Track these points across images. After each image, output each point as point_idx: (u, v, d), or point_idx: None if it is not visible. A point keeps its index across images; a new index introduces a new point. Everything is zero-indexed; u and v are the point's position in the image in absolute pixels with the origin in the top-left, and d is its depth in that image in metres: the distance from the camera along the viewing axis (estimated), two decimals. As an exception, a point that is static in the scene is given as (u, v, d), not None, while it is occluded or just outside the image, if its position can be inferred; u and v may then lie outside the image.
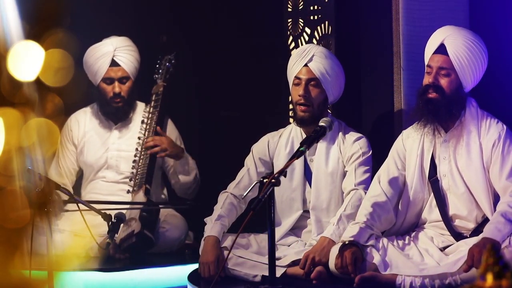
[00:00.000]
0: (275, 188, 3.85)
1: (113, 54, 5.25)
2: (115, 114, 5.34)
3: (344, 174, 4.55)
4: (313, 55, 4.53)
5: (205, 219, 4.52)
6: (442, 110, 4.22)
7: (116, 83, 5.26)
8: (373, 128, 5.08)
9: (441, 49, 4.23)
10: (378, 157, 4.55)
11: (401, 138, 4.43)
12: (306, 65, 4.52)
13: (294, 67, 4.55)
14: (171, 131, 5.40)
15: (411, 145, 4.36)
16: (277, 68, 5.23)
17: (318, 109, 4.52)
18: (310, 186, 4.56)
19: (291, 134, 4.65)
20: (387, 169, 4.39)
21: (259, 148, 4.70)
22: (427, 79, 4.26)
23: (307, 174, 4.59)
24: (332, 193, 4.53)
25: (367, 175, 4.50)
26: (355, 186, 4.46)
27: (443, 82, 4.22)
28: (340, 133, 4.59)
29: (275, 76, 5.29)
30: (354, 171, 4.50)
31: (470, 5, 4.79)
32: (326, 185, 4.54)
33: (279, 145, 4.65)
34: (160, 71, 5.41)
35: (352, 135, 4.58)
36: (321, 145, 4.55)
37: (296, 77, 4.54)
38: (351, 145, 4.54)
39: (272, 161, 4.67)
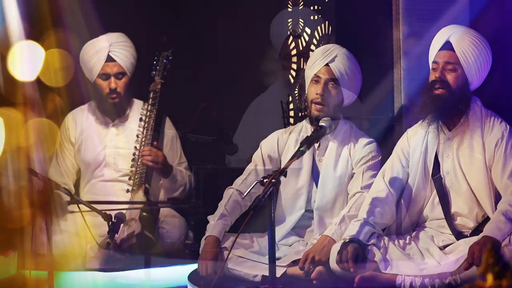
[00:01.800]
0: (281, 185, 3.83)
1: (108, 50, 5.21)
2: (111, 111, 5.31)
3: (351, 177, 4.54)
4: (335, 56, 4.51)
5: (208, 217, 4.51)
6: (448, 106, 4.23)
7: (112, 79, 5.22)
8: (373, 128, 5.07)
9: (447, 46, 4.25)
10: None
11: (406, 136, 4.44)
12: (327, 64, 4.51)
13: (315, 65, 4.52)
14: (169, 129, 5.38)
15: (415, 142, 4.37)
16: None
17: (333, 110, 4.50)
18: (317, 186, 4.55)
19: (301, 133, 4.62)
20: (391, 166, 4.40)
21: (268, 145, 4.67)
22: (433, 75, 4.26)
23: (315, 174, 4.57)
24: (338, 195, 4.52)
25: (374, 179, 4.48)
26: (361, 189, 4.44)
27: (450, 77, 4.23)
28: (351, 136, 4.57)
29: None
30: (361, 174, 4.48)
31: (470, 5, 4.79)
32: (333, 187, 4.51)
33: (288, 143, 4.63)
34: (158, 67, 5.38)
35: (363, 139, 4.56)
36: (331, 147, 4.52)
37: (316, 75, 4.52)
38: (361, 149, 4.52)
39: (280, 158, 4.63)
